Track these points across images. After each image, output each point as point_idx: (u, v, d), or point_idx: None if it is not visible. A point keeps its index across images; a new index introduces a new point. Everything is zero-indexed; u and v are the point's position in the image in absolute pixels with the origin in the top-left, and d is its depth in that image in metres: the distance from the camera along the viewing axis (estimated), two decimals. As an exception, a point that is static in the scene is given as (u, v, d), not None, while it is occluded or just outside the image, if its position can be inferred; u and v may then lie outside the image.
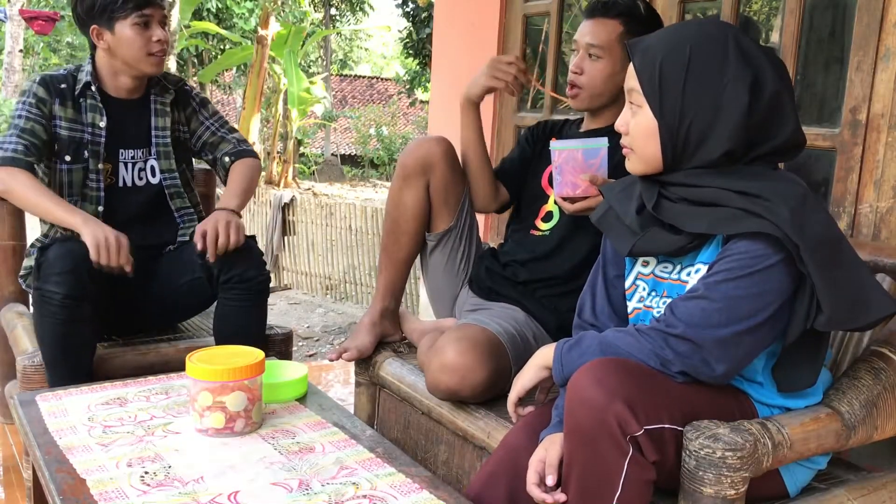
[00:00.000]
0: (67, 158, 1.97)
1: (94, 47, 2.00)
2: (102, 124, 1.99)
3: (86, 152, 1.97)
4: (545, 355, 1.32)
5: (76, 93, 1.97)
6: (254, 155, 2.17)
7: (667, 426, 1.12)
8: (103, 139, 1.99)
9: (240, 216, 1.95)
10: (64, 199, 1.90)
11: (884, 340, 1.35)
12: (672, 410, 1.13)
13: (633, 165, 1.27)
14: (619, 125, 1.27)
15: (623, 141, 1.27)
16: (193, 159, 2.23)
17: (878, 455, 1.58)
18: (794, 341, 1.16)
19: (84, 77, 1.98)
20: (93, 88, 1.98)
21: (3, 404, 2.34)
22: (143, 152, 2.06)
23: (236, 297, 1.93)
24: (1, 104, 10.93)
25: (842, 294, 1.12)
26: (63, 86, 1.97)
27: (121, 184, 2.03)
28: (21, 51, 12.04)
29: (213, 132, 2.15)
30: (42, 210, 1.86)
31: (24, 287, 2.07)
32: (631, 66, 1.24)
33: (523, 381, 1.35)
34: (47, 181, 1.97)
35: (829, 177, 1.99)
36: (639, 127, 1.23)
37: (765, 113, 1.18)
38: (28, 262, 2.02)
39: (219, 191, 2.39)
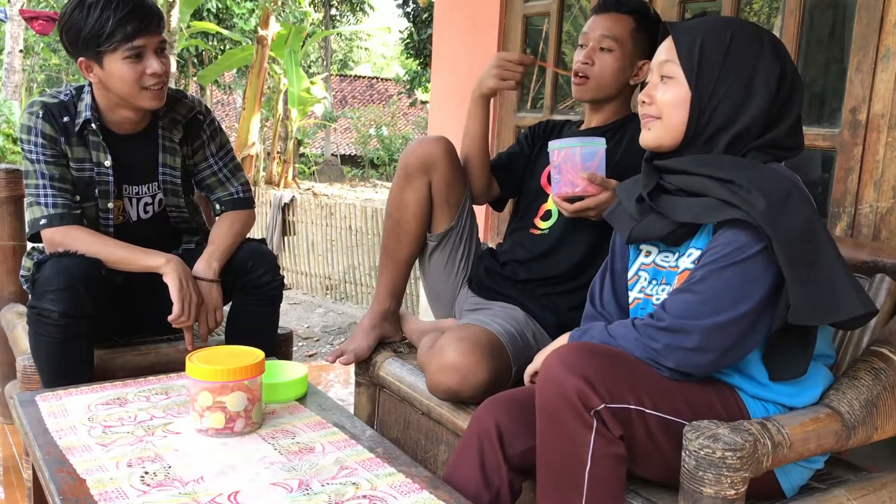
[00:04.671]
0: (77, 198, 1.87)
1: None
2: (108, 163, 1.87)
3: (96, 191, 1.88)
4: (562, 340, 1.40)
5: (77, 128, 1.84)
6: (248, 205, 2.04)
7: (633, 407, 1.16)
8: (111, 178, 1.88)
9: (219, 280, 1.89)
10: (127, 243, 1.83)
11: (883, 340, 1.35)
12: (637, 392, 1.17)
13: (654, 133, 1.30)
14: (644, 95, 1.31)
15: (646, 110, 1.31)
16: None
17: (878, 455, 1.58)
18: (782, 329, 1.19)
19: (84, 111, 1.84)
20: (93, 126, 1.84)
21: (3, 404, 2.34)
22: (148, 188, 1.96)
23: (251, 301, 1.92)
24: (1, 104, 10.91)
25: (809, 292, 1.15)
26: (65, 119, 1.83)
27: (128, 219, 1.96)
28: (21, 51, 12.01)
29: (214, 173, 2.02)
30: (115, 261, 1.80)
31: (24, 287, 2.05)
32: (666, 43, 1.29)
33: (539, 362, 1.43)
34: None
35: (829, 177, 2.00)
36: (668, 94, 1.27)
37: (782, 104, 1.24)
38: (28, 262, 1.99)
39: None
